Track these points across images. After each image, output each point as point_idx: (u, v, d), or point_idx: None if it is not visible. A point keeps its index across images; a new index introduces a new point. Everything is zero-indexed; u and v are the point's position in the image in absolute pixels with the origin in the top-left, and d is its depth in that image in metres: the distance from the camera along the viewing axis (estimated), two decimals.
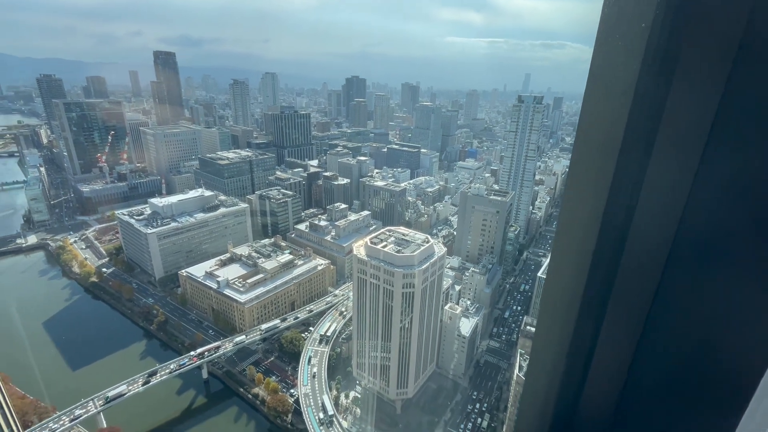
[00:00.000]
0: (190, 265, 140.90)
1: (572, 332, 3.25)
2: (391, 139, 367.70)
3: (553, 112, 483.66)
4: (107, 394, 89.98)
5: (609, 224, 2.79)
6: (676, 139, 2.43)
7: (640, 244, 2.73)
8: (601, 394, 3.27)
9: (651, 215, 2.63)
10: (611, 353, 3.10)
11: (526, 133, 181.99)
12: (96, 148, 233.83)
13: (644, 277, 2.76)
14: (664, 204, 2.56)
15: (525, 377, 4.44)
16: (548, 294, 3.54)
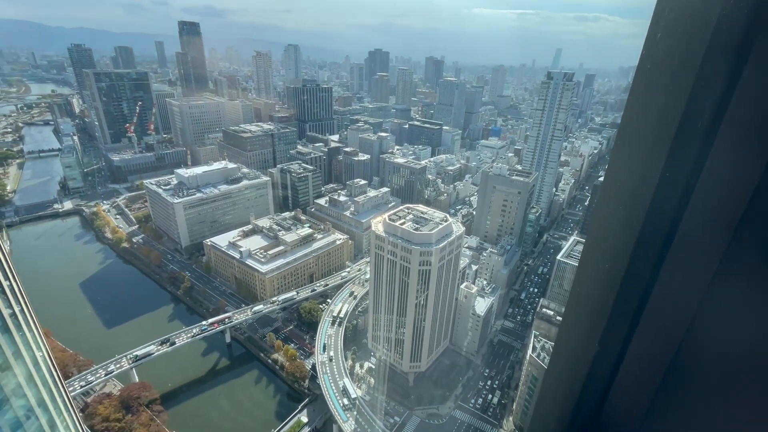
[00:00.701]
0: (214, 234, 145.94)
1: (604, 326, 3.13)
2: (413, 116, 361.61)
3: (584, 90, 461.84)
4: (138, 352, 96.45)
5: (655, 217, 2.59)
6: (740, 136, 2.24)
7: (691, 242, 2.53)
8: (629, 396, 3.16)
9: (707, 210, 2.44)
10: (646, 355, 2.99)
11: (553, 111, 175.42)
12: (125, 118, 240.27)
13: (692, 279, 2.56)
14: (723, 199, 2.37)
15: (548, 366, 4.41)
16: (580, 283, 3.44)
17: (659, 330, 2.89)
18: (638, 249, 2.77)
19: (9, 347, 41.20)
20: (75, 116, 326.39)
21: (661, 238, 2.65)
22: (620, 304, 2.99)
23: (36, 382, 44.34)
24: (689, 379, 2.81)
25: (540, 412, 4.29)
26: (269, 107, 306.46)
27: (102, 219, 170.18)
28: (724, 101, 2.24)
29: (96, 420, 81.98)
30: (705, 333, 2.71)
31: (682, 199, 2.50)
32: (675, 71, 2.37)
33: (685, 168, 2.44)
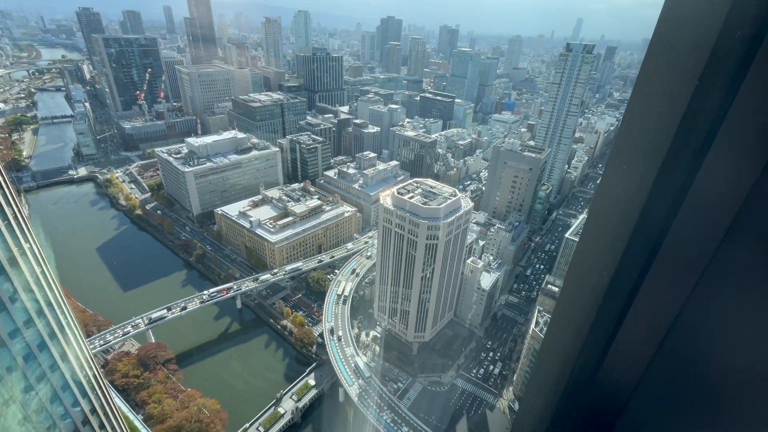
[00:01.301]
0: (224, 204, 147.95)
1: (599, 305, 3.25)
2: (425, 87, 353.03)
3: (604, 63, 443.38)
4: (154, 314, 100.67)
5: (652, 207, 2.67)
6: (737, 144, 2.28)
7: (687, 234, 2.63)
8: (620, 369, 3.31)
9: (704, 205, 2.51)
10: (637, 337, 3.14)
11: (570, 85, 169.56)
12: (135, 86, 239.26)
13: (686, 268, 2.68)
14: (716, 203, 2.43)
15: (544, 337, 4.58)
16: (578, 262, 3.52)
17: (648, 318, 3.03)
18: (636, 232, 2.83)
19: (33, 306, 43.45)
20: (86, 82, 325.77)
21: (655, 232, 2.71)
22: (616, 285, 3.11)
23: (59, 339, 46.96)
24: (679, 357, 2.96)
25: (536, 380, 4.49)
26: (279, 76, 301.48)
27: (116, 186, 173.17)
28: (723, 109, 2.28)
29: (116, 375, 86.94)
30: (695, 317, 2.82)
31: (676, 200, 2.55)
32: (676, 78, 2.39)
33: (681, 171, 2.49)
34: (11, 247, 40.03)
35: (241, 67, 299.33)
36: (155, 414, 79.54)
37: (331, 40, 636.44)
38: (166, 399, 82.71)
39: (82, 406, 50.46)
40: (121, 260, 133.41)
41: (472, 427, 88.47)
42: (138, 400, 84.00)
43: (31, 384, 44.22)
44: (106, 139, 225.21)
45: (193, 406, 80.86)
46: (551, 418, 4.10)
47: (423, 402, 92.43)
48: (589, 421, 3.78)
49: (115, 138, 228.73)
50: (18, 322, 41.50)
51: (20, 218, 42.17)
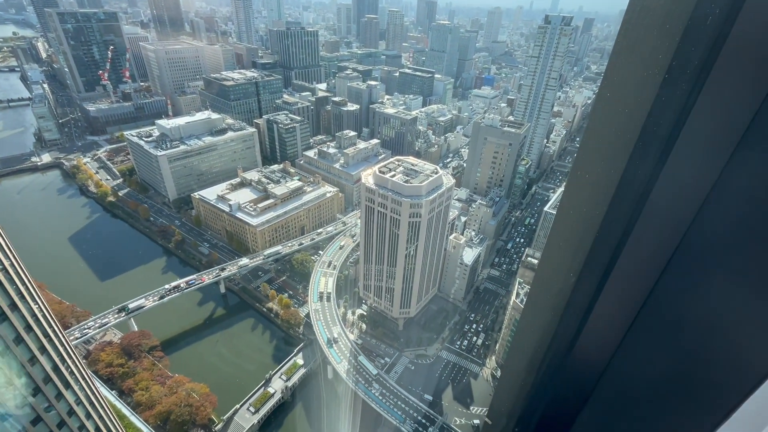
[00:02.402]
0: (201, 188, 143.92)
1: (576, 277, 3.33)
2: (404, 62, 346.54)
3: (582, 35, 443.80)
4: (134, 302, 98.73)
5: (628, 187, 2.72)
6: (699, 142, 2.35)
7: (658, 215, 2.69)
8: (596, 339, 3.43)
9: (676, 186, 2.56)
10: (613, 309, 3.23)
11: (549, 59, 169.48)
12: (96, 65, 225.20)
13: (658, 248, 2.75)
14: (679, 200, 2.52)
15: (524, 307, 4.65)
16: (556, 235, 3.60)
17: (623, 292, 3.09)
18: (611, 211, 2.90)
19: (4, 300, 41.79)
20: (42, 62, 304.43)
21: (628, 212, 2.79)
22: (593, 258, 3.18)
23: (35, 332, 45.61)
24: (654, 328, 3.02)
25: (516, 348, 4.60)
26: (252, 52, 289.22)
27: (84, 173, 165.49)
28: (687, 106, 2.33)
29: (100, 365, 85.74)
30: (668, 289, 2.89)
31: (648, 183, 2.62)
32: (643, 72, 2.44)
33: (651, 156, 2.55)
34: None
35: (211, 44, 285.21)
36: (143, 401, 79.34)
37: (305, 14, 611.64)
38: (154, 386, 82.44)
39: (66, 397, 49.72)
40: (95, 249, 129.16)
41: (457, 395, 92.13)
42: (124, 389, 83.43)
43: (10, 379, 43.13)
44: (70, 123, 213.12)
45: (182, 391, 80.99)
46: (531, 384, 4.25)
47: (410, 374, 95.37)
48: (567, 388, 3.88)
49: (80, 121, 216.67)
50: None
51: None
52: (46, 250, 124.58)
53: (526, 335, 4.35)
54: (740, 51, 2.09)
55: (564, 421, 3.92)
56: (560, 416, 4.01)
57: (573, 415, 3.80)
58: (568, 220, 3.44)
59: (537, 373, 4.11)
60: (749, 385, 2.23)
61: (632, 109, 2.56)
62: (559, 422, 4.01)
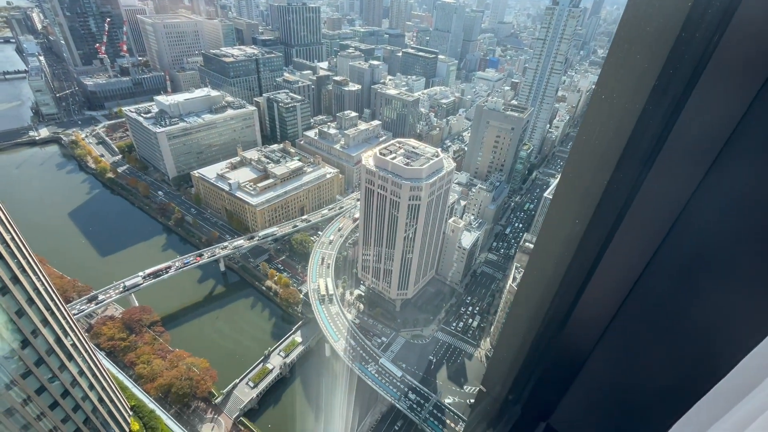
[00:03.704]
0: (201, 166, 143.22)
1: (569, 262, 3.55)
2: (408, 42, 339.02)
3: (590, 18, 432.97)
4: (135, 278, 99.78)
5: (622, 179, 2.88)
6: (695, 134, 2.46)
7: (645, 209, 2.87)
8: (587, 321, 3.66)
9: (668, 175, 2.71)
10: (603, 292, 3.45)
11: (555, 42, 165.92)
12: (93, 38, 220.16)
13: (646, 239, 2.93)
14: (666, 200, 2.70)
15: (517, 289, 4.85)
16: (551, 220, 3.75)
17: (613, 277, 3.31)
18: (600, 205, 3.06)
19: (6, 273, 42.31)
20: (38, 33, 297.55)
21: (617, 207, 2.95)
22: (585, 245, 3.37)
23: (38, 305, 46.35)
24: (641, 314, 3.25)
25: (508, 328, 4.80)
26: (252, 28, 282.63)
27: (82, 148, 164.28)
28: (675, 112, 2.44)
29: (101, 339, 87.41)
30: (646, 298, 3.08)
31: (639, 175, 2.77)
32: (636, 78, 2.56)
33: (635, 164, 2.73)
34: None
35: (211, 18, 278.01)
36: (145, 374, 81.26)
37: None
38: (155, 359, 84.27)
39: (70, 369, 50.97)
40: (96, 225, 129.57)
41: (451, 374, 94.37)
42: (126, 362, 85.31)
43: (14, 349, 44.09)
44: (67, 97, 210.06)
45: (182, 365, 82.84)
46: (525, 356, 4.47)
47: (405, 354, 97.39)
48: (556, 367, 4.14)
49: (77, 96, 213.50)
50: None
51: None
52: (46, 226, 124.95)
53: (519, 312, 4.54)
54: (723, 67, 2.19)
55: (555, 391, 4.18)
56: (551, 386, 4.25)
57: (564, 386, 4.04)
58: (564, 202, 3.60)
59: (530, 345, 4.31)
60: (718, 376, 2.35)
61: (625, 109, 2.68)
62: (550, 391, 4.26)
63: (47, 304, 47.75)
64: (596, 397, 3.94)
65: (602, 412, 3.98)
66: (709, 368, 2.66)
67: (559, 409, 4.25)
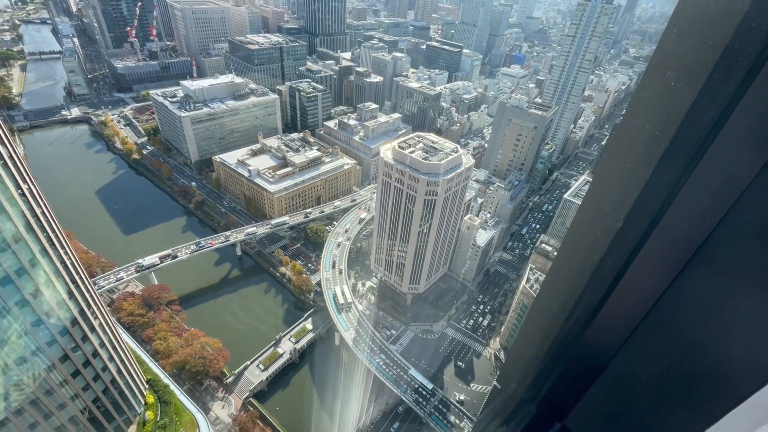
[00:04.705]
0: (222, 151, 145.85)
1: (593, 269, 3.42)
2: (432, 35, 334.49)
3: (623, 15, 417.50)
4: (155, 257, 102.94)
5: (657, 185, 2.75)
6: (737, 143, 2.35)
7: (682, 217, 2.73)
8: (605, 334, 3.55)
9: (702, 192, 2.57)
10: (625, 306, 3.35)
11: (585, 39, 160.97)
12: (125, 21, 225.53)
13: (677, 250, 2.79)
14: (711, 197, 2.53)
15: (537, 295, 4.78)
16: (579, 224, 3.68)
17: (639, 289, 3.23)
18: (630, 214, 2.98)
19: (35, 245, 44.30)
20: (72, 15, 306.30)
21: (648, 217, 2.85)
22: (612, 253, 3.29)
23: (64, 277, 48.45)
24: (661, 331, 3.18)
25: (529, 323, 4.81)
26: (278, 16, 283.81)
27: (111, 129, 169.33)
28: (727, 110, 2.32)
29: (122, 314, 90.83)
30: (667, 314, 3.00)
31: (678, 182, 2.64)
32: (685, 74, 2.44)
33: (683, 157, 2.57)
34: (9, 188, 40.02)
35: (238, 5, 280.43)
36: (161, 350, 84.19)
37: None
38: (171, 337, 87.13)
39: (91, 340, 53.24)
40: (121, 204, 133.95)
41: (458, 371, 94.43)
42: (144, 337, 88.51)
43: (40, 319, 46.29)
44: (98, 79, 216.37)
45: (197, 344, 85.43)
46: (542, 358, 4.47)
47: (414, 348, 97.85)
48: (575, 369, 4.13)
49: (107, 78, 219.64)
50: (23, 261, 42.56)
51: (16, 159, 41.75)
52: (74, 202, 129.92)
53: (541, 312, 4.54)
54: None
55: (572, 392, 4.15)
56: (569, 387, 4.23)
57: (582, 388, 4.00)
58: (593, 208, 3.54)
59: (549, 346, 4.29)
60: (752, 386, 2.27)
61: (667, 112, 2.58)
62: (568, 392, 4.24)
63: (73, 277, 49.86)
64: (615, 401, 3.86)
65: (620, 417, 3.91)
66: (736, 385, 2.52)
67: (575, 411, 4.21)
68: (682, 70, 2.48)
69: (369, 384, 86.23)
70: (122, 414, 62.76)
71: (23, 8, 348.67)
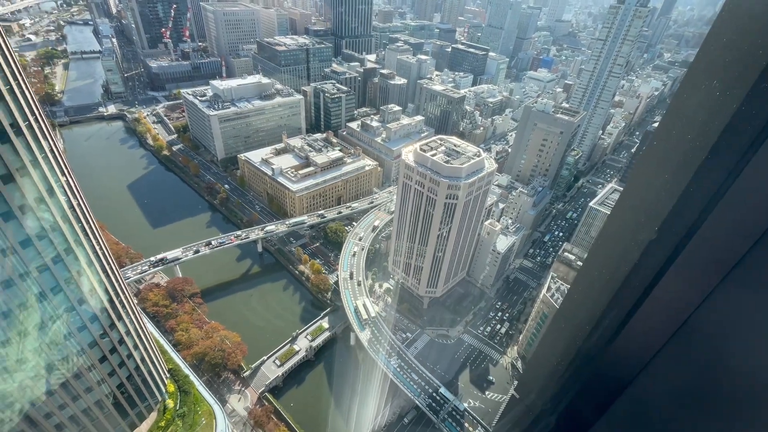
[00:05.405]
0: (247, 150, 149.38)
1: (622, 281, 3.26)
2: (458, 38, 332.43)
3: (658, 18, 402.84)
4: (180, 251, 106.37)
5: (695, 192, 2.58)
6: None
7: (719, 230, 2.58)
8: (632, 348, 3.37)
9: (741, 206, 2.44)
10: (654, 321, 3.17)
11: (617, 43, 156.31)
12: (160, 22, 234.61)
13: (713, 264, 2.63)
14: (751, 210, 2.40)
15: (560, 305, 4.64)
16: (607, 234, 3.53)
17: (669, 305, 3.06)
18: (664, 225, 2.84)
19: (71, 235, 46.56)
20: (112, 17, 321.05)
21: (689, 221, 2.67)
22: (643, 265, 3.13)
23: (95, 266, 50.69)
24: (691, 351, 3.01)
25: (551, 334, 4.69)
26: (305, 18, 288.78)
27: (143, 125, 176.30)
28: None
29: (147, 304, 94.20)
30: (699, 331, 2.86)
31: (717, 193, 2.49)
32: (730, 79, 2.35)
33: (723, 168, 2.43)
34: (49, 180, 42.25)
35: (267, 7, 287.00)
36: (182, 340, 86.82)
37: None
38: (192, 328, 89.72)
39: (118, 328, 55.44)
40: (150, 198, 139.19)
41: (474, 378, 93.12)
42: (167, 328, 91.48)
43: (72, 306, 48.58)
44: (134, 78, 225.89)
45: (217, 336, 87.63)
46: (563, 370, 4.33)
47: (429, 352, 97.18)
48: (599, 384, 3.97)
49: (142, 77, 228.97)
50: (59, 250, 44.78)
51: (56, 152, 44.04)
52: (107, 195, 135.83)
53: (564, 323, 4.42)
54: None
55: (595, 407, 3.97)
56: (592, 402, 4.05)
57: (606, 404, 3.82)
58: (624, 217, 3.39)
59: (572, 358, 4.16)
60: None
61: (708, 119, 2.45)
62: (590, 407, 4.06)
63: (104, 267, 52.12)
64: (638, 420, 3.69)
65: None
66: None
67: (596, 427, 4.04)
68: (726, 75, 2.37)
69: (383, 386, 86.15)
70: (144, 401, 65.02)
71: (68, 10, 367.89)
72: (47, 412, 50.39)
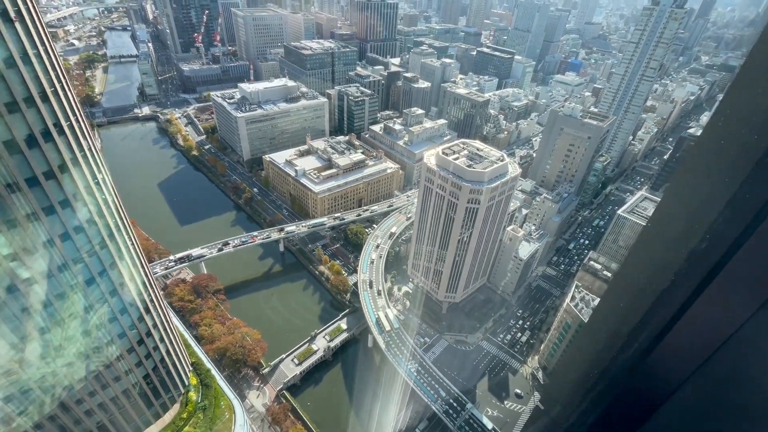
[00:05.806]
0: (272, 151, 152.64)
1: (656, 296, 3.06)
2: (483, 41, 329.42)
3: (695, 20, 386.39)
4: (205, 248, 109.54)
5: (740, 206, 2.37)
6: None
7: (751, 265, 2.40)
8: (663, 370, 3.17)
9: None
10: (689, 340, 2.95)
11: (650, 45, 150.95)
12: (193, 27, 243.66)
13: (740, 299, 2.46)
14: None
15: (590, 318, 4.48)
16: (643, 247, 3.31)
17: (707, 323, 2.85)
18: (708, 236, 2.65)
19: (105, 230, 48.84)
20: (149, 23, 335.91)
21: (730, 240, 2.48)
22: (680, 282, 2.94)
23: (126, 261, 52.92)
24: (727, 371, 2.80)
25: (579, 346, 4.49)
26: (331, 23, 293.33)
27: (175, 126, 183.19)
28: None
29: (173, 298, 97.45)
30: (741, 352, 2.64)
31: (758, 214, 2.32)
32: None
33: None
34: (87, 177, 44.50)
35: (295, 12, 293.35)
36: (205, 335, 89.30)
37: None
38: (215, 324, 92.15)
39: (146, 320, 57.59)
40: (179, 196, 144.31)
41: (492, 387, 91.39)
42: (191, 322, 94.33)
43: (105, 297, 50.83)
44: (167, 81, 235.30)
45: (238, 333, 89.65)
46: (591, 384, 4.14)
47: (447, 358, 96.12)
48: (631, 400, 3.78)
49: (175, 80, 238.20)
50: (94, 242, 47.03)
51: (94, 151, 46.36)
52: (139, 192, 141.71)
53: (593, 336, 4.22)
54: None
55: (625, 425, 3.78)
56: (622, 420, 3.85)
57: (637, 423, 3.60)
58: (663, 228, 3.20)
59: (599, 375, 3.95)
60: None
61: (760, 124, 2.29)
62: (620, 425, 3.87)
63: (134, 261, 54.36)
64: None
65: None
66: None
67: None
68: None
69: (401, 391, 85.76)
70: (168, 392, 67.17)
71: (108, 16, 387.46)
72: (78, 399, 52.80)
